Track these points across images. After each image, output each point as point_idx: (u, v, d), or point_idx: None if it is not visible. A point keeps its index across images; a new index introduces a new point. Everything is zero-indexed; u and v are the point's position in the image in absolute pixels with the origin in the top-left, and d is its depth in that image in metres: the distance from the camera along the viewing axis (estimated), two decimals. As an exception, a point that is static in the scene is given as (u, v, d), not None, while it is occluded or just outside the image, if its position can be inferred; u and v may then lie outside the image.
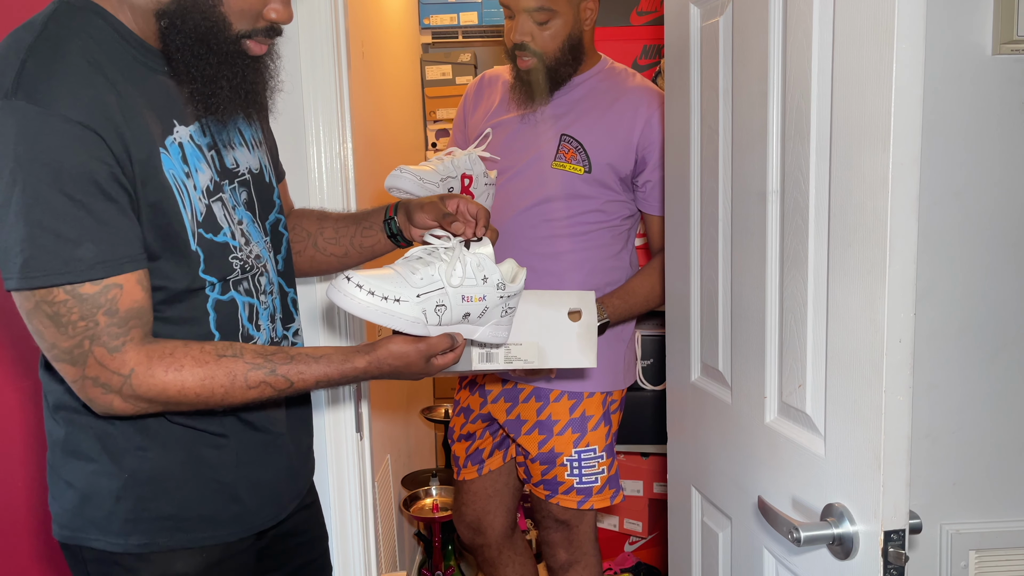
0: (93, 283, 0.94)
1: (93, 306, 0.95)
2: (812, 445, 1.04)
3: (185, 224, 1.03)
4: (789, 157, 1.07)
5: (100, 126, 0.94)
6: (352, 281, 1.04)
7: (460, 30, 3.18)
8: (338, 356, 1.07)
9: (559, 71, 1.80)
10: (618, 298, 1.83)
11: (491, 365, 1.21)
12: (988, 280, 1.43)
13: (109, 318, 0.96)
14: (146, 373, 0.98)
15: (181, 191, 1.03)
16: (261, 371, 1.02)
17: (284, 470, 1.21)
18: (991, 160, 1.40)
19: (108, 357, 0.96)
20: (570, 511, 1.92)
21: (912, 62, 0.85)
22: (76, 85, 0.94)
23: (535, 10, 1.74)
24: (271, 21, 1.06)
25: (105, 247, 0.94)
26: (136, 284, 0.98)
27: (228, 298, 1.10)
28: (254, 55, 1.07)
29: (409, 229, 1.29)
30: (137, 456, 1.07)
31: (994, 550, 1.46)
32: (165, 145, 1.02)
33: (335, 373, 1.06)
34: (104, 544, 1.08)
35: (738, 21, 1.19)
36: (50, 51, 0.95)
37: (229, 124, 1.10)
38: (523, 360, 1.22)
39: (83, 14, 1.00)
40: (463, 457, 2.04)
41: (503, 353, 1.20)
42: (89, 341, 0.96)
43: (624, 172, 1.82)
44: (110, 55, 0.99)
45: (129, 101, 0.98)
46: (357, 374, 1.08)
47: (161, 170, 1.01)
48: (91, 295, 0.95)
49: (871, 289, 0.90)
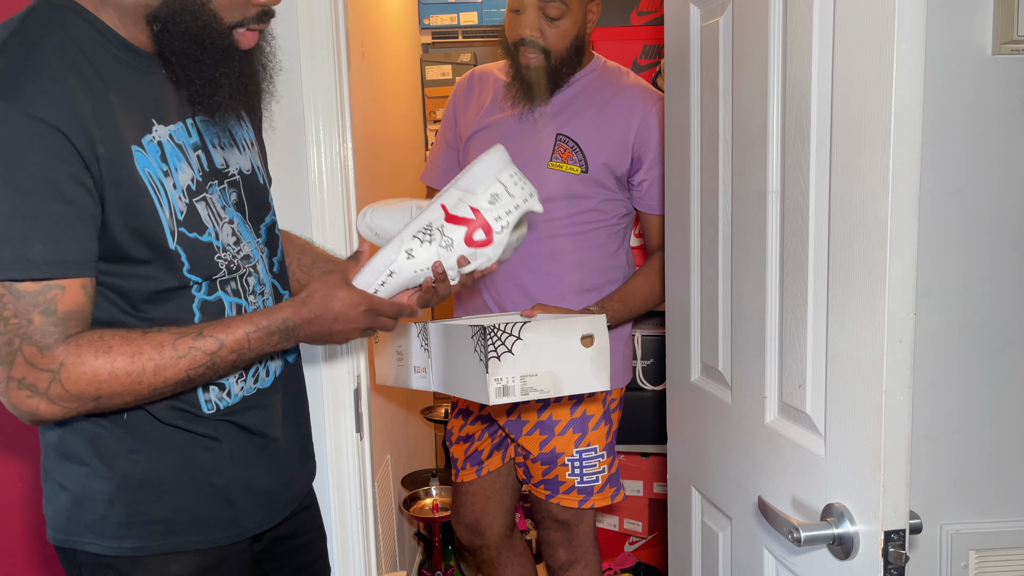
0: (33, 282, 0.92)
1: (30, 304, 0.93)
2: (812, 445, 1.04)
3: (162, 223, 1.02)
4: (789, 157, 1.07)
5: (66, 124, 0.92)
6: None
7: (460, 30, 3.18)
8: (266, 308, 1.07)
9: (561, 70, 1.78)
10: (618, 301, 1.82)
11: (508, 398, 1.20)
12: (988, 280, 1.43)
13: (45, 317, 0.93)
14: (76, 362, 0.94)
15: (157, 189, 1.01)
16: (188, 337, 1.00)
17: (280, 473, 1.20)
18: (991, 160, 1.40)
19: (38, 355, 0.93)
20: (570, 511, 1.92)
21: (912, 62, 0.85)
22: (45, 82, 0.93)
23: (550, 4, 1.71)
24: (261, 5, 1.04)
25: (55, 249, 0.93)
26: (80, 289, 0.96)
27: (215, 298, 1.09)
28: (245, 48, 1.06)
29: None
30: (129, 459, 1.06)
31: (994, 550, 1.46)
32: (142, 144, 1.01)
33: (263, 321, 1.04)
34: (98, 548, 1.07)
35: (738, 21, 1.19)
36: (23, 48, 0.94)
37: (220, 124, 1.10)
38: (539, 390, 1.22)
39: (61, 12, 0.99)
40: (462, 459, 2.04)
41: (519, 385, 1.20)
42: (19, 339, 0.93)
43: (620, 171, 1.82)
44: (88, 53, 0.98)
45: (103, 100, 0.97)
46: (287, 316, 1.06)
47: (135, 168, 0.99)
48: (29, 293, 0.92)
49: (871, 289, 0.90)
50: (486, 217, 1.12)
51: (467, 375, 1.24)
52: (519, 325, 1.19)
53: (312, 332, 1.09)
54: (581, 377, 1.26)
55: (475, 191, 1.13)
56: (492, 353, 1.17)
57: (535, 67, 1.77)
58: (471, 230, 1.12)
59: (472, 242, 1.12)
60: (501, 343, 1.18)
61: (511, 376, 1.19)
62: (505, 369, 1.18)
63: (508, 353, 1.18)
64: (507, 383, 1.20)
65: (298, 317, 1.07)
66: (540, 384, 1.22)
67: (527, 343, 1.19)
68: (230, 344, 1.02)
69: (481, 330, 1.17)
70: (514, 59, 1.79)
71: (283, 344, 1.07)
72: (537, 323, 1.21)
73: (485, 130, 1.88)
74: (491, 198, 1.13)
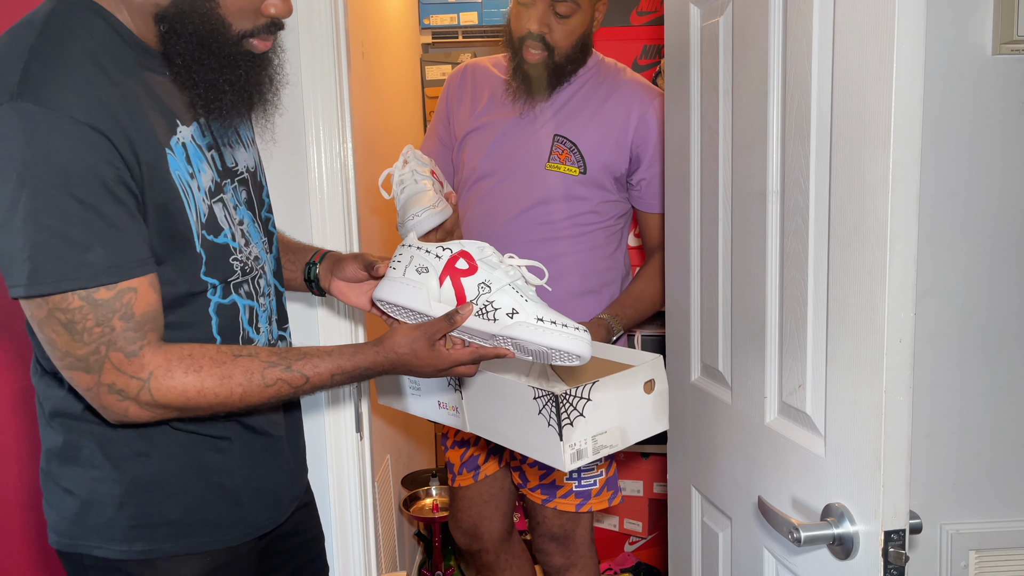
0: (107, 288, 0.93)
1: (108, 311, 0.94)
2: (812, 445, 1.04)
3: (191, 225, 1.02)
4: (789, 157, 1.07)
5: (107, 128, 0.93)
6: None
7: (460, 30, 3.17)
8: (349, 349, 1.07)
9: (565, 68, 1.75)
10: (630, 307, 1.80)
11: (582, 461, 1.19)
12: (988, 280, 1.43)
13: (125, 322, 0.94)
14: (166, 376, 0.96)
15: (186, 192, 1.02)
16: (277, 368, 1.02)
17: (284, 473, 1.21)
18: (991, 160, 1.40)
19: (126, 362, 0.95)
20: (566, 518, 1.90)
21: (912, 62, 0.85)
22: (82, 86, 0.93)
23: (561, 1, 1.68)
24: (270, 16, 1.04)
25: (116, 251, 0.93)
26: (149, 287, 0.97)
27: (229, 301, 1.09)
28: (259, 52, 1.06)
29: (329, 280, 1.31)
30: (139, 462, 1.06)
31: (994, 550, 1.46)
32: (170, 146, 1.01)
33: (348, 365, 1.06)
34: (106, 552, 1.07)
35: (738, 21, 1.19)
36: (53, 51, 0.94)
37: (232, 124, 1.10)
38: (609, 446, 1.21)
39: (82, 13, 0.99)
40: (458, 464, 2.02)
41: (591, 446, 1.19)
42: (106, 347, 0.94)
43: (619, 172, 1.80)
44: (112, 55, 0.98)
45: (134, 102, 0.97)
46: (368, 365, 1.07)
47: (168, 171, 1.00)
48: (106, 300, 0.93)
49: (871, 289, 0.90)
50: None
51: (528, 434, 1.21)
52: (588, 386, 1.17)
53: (385, 373, 1.11)
54: (645, 422, 1.26)
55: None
56: (566, 420, 1.15)
57: (538, 63, 1.74)
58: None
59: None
60: (573, 408, 1.16)
61: (583, 439, 1.18)
62: (578, 434, 1.17)
63: (580, 416, 1.16)
64: (580, 447, 1.18)
65: (376, 366, 1.08)
66: (609, 440, 1.21)
67: (596, 402, 1.18)
68: (315, 381, 1.05)
69: (552, 398, 1.14)
70: (516, 53, 1.75)
71: (356, 382, 1.10)
72: (604, 381, 1.19)
73: (480, 130, 1.85)
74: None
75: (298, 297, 1.60)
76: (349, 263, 1.29)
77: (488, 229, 1.80)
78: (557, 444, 1.16)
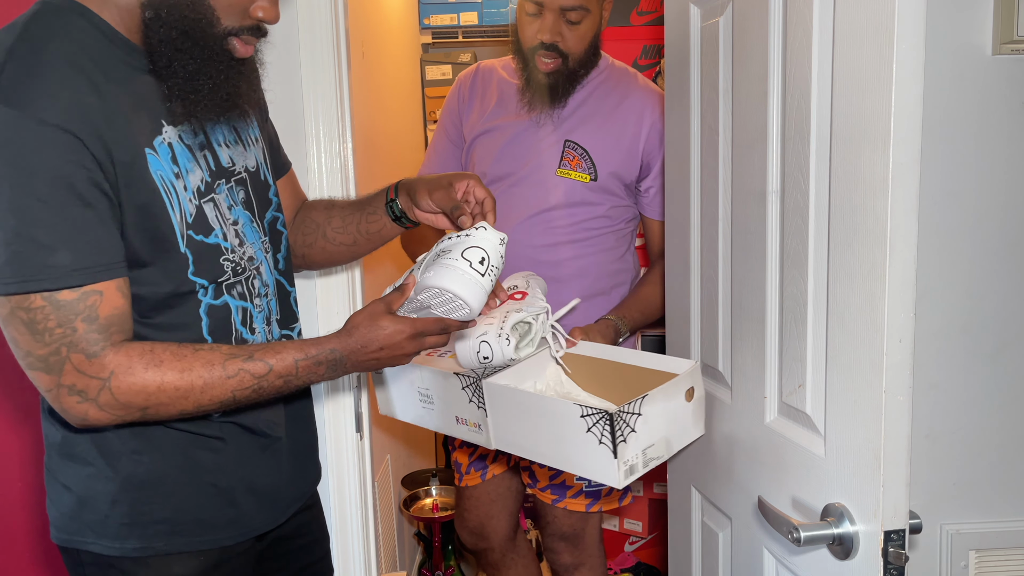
0: (71, 290, 0.93)
1: (71, 313, 0.93)
2: (812, 445, 1.04)
3: (174, 226, 1.02)
4: (789, 157, 1.07)
5: (79, 129, 0.92)
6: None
7: (460, 30, 3.17)
8: (313, 338, 1.06)
9: (578, 72, 1.74)
10: (637, 311, 1.78)
11: (634, 476, 1.18)
12: (988, 280, 1.43)
13: (88, 324, 0.94)
14: (126, 373, 0.95)
15: (169, 192, 1.01)
16: (238, 359, 1.00)
17: (283, 474, 1.21)
18: (991, 160, 1.40)
19: (87, 363, 0.94)
20: (576, 518, 1.90)
21: (912, 62, 0.85)
22: (55, 87, 0.92)
23: (571, 9, 1.65)
24: (257, 19, 1.04)
25: (82, 254, 0.93)
26: (116, 291, 0.96)
27: (221, 303, 1.09)
28: (239, 56, 1.05)
29: (413, 211, 1.27)
30: (133, 460, 1.07)
31: (994, 550, 1.46)
32: (153, 146, 1.00)
33: (312, 350, 1.04)
34: (101, 548, 1.08)
35: (738, 21, 1.19)
36: (30, 53, 0.94)
37: (221, 122, 1.09)
38: (656, 458, 1.20)
39: (65, 15, 0.99)
40: (466, 463, 2.01)
41: (641, 460, 1.18)
42: (66, 348, 0.94)
43: (629, 179, 1.79)
44: (93, 56, 0.98)
45: (113, 103, 0.97)
46: (333, 346, 1.05)
47: (148, 172, 0.99)
48: (69, 302, 0.93)
49: (871, 289, 0.90)
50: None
51: (573, 452, 1.19)
52: (638, 401, 1.15)
53: (359, 361, 1.08)
54: (686, 430, 1.26)
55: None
56: (620, 438, 1.13)
57: (554, 72, 1.71)
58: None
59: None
60: (626, 424, 1.14)
61: (635, 454, 1.16)
62: (631, 449, 1.15)
63: (632, 432, 1.15)
64: (632, 462, 1.17)
65: (344, 348, 1.06)
66: (656, 452, 1.20)
67: (646, 416, 1.16)
68: (278, 370, 1.02)
69: (606, 416, 1.12)
70: (527, 64, 1.73)
71: (330, 374, 1.07)
72: (654, 394, 1.18)
73: (489, 133, 1.83)
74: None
75: (298, 295, 1.60)
76: (424, 198, 1.24)
77: None
78: (611, 462, 1.14)
